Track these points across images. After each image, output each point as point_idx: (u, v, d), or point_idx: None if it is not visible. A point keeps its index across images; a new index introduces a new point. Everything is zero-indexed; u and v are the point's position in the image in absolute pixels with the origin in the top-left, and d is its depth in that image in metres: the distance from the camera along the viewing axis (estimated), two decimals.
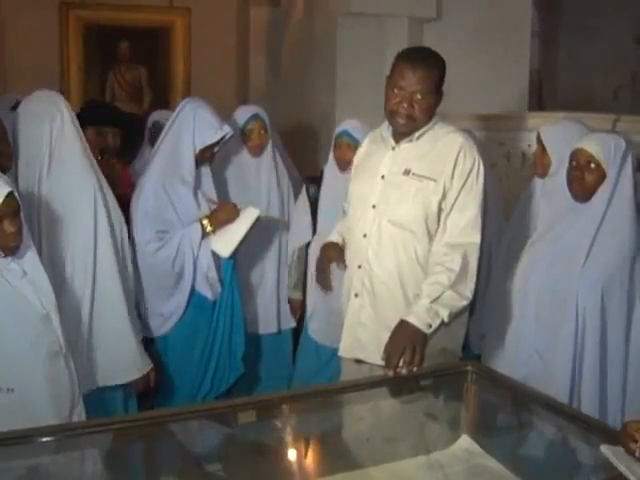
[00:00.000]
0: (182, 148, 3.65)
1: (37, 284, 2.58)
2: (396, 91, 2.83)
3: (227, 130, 3.71)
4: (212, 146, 3.71)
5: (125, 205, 3.55)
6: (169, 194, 3.62)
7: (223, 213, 3.68)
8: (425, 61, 2.83)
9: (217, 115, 3.73)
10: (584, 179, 2.94)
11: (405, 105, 2.81)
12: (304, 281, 4.23)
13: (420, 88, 2.79)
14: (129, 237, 3.45)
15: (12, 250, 2.51)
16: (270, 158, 4.29)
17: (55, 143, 3.17)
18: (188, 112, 3.69)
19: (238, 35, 8.18)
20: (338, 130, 4.06)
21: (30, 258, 2.59)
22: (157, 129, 4.83)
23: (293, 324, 4.38)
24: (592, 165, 2.92)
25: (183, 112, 3.71)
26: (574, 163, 2.98)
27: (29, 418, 2.36)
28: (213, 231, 3.64)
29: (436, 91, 2.84)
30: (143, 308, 3.66)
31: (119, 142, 4.41)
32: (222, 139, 3.73)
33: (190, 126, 3.65)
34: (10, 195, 2.45)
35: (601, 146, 2.94)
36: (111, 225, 3.22)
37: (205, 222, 3.64)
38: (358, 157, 3.16)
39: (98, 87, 8.21)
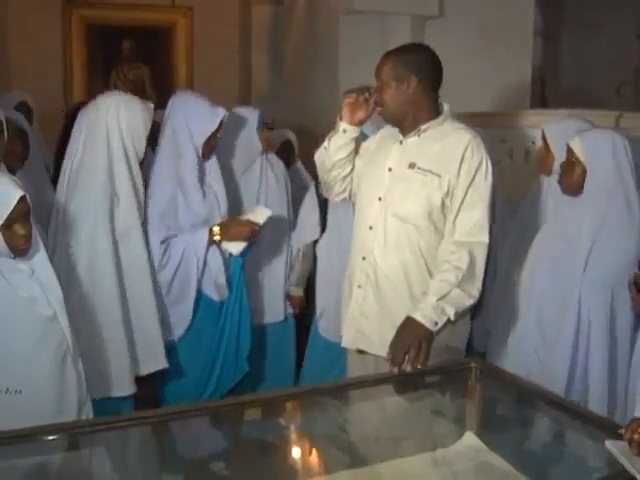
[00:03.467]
0: (183, 148, 3.60)
1: (45, 284, 2.58)
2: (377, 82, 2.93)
3: (222, 113, 3.64)
4: (214, 133, 3.63)
5: None
6: (185, 195, 3.58)
7: (236, 229, 3.61)
8: (395, 50, 2.93)
9: (206, 101, 3.67)
10: (566, 174, 3.04)
11: (376, 92, 2.92)
12: (310, 279, 4.24)
13: (384, 75, 2.88)
14: None
15: (22, 252, 2.52)
16: (269, 157, 4.31)
17: (85, 147, 3.22)
18: (178, 111, 3.65)
19: (240, 34, 8.18)
20: None
21: (39, 258, 2.59)
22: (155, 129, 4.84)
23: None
24: (573, 160, 3.00)
25: (173, 111, 3.66)
26: (564, 159, 3.08)
27: (37, 419, 2.35)
28: (220, 241, 3.60)
29: (403, 76, 2.86)
30: None
31: None
32: (221, 123, 3.66)
33: (184, 125, 3.60)
34: (22, 199, 2.47)
35: (582, 142, 3.02)
36: (113, 234, 3.23)
37: (215, 230, 3.58)
38: (366, 147, 3.14)
39: (101, 86, 8.21)
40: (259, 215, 3.67)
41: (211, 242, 3.59)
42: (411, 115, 2.90)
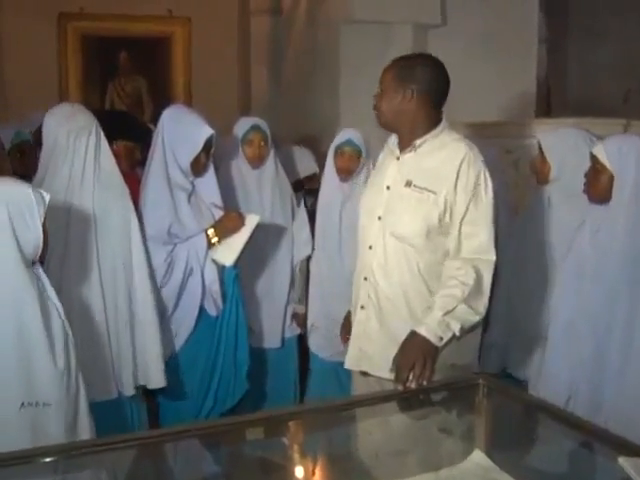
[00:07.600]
0: (171, 170, 3.57)
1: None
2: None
3: (207, 133, 3.54)
4: (200, 154, 3.57)
5: None
6: (177, 214, 3.56)
7: (229, 222, 3.62)
8: (401, 58, 2.90)
9: (193, 120, 3.60)
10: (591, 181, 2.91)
11: (375, 98, 2.91)
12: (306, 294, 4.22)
13: (385, 82, 2.87)
14: None
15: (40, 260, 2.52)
16: (272, 170, 4.23)
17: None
18: (164, 132, 3.59)
19: (239, 44, 8.19)
20: (341, 139, 4.02)
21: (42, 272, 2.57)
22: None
23: (298, 331, 4.36)
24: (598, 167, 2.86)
25: (161, 131, 3.60)
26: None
27: (65, 430, 2.43)
28: (219, 241, 3.59)
29: (404, 86, 2.82)
30: None
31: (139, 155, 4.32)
32: (210, 141, 3.58)
33: (168, 148, 3.55)
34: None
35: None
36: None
37: (210, 232, 3.58)
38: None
39: (98, 99, 8.20)
40: (248, 221, 3.65)
41: (210, 245, 3.58)
42: (407, 127, 2.88)
